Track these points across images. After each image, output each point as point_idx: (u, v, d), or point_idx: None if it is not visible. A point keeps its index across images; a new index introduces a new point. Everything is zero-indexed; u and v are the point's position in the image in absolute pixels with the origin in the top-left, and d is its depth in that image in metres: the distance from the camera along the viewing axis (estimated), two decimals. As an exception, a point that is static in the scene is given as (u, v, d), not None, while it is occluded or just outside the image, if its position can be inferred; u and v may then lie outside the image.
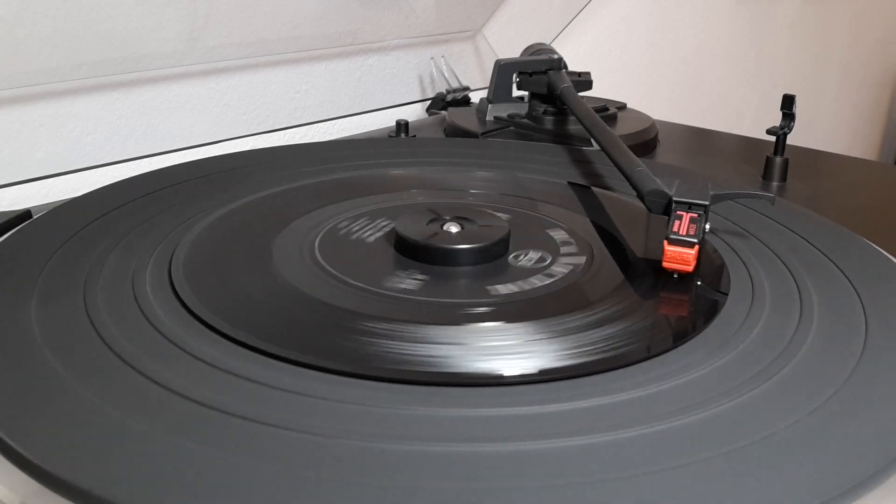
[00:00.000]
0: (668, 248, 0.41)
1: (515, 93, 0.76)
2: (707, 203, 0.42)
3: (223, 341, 0.34)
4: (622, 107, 0.80)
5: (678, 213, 0.42)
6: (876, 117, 2.08)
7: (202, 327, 0.35)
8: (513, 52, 0.82)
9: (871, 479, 0.27)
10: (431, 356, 0.34)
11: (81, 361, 0.32)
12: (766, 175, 0.65)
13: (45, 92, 0.59)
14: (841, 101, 1.86)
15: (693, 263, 0.41)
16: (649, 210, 0.45)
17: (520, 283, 0.41)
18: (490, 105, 0.75)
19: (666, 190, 0.44)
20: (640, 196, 0.46)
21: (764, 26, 1.50)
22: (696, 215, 0.42)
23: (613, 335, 0.36)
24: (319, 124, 0.80)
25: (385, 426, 0.29)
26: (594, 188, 0.56)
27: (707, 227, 0.42)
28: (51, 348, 0.33)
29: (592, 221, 0.50)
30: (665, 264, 0.41)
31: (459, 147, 0.66)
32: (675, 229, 0.42)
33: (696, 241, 0.41)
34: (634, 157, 0.52)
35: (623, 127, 0.74)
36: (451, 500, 0.26)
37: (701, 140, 0.80)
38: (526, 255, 0.44)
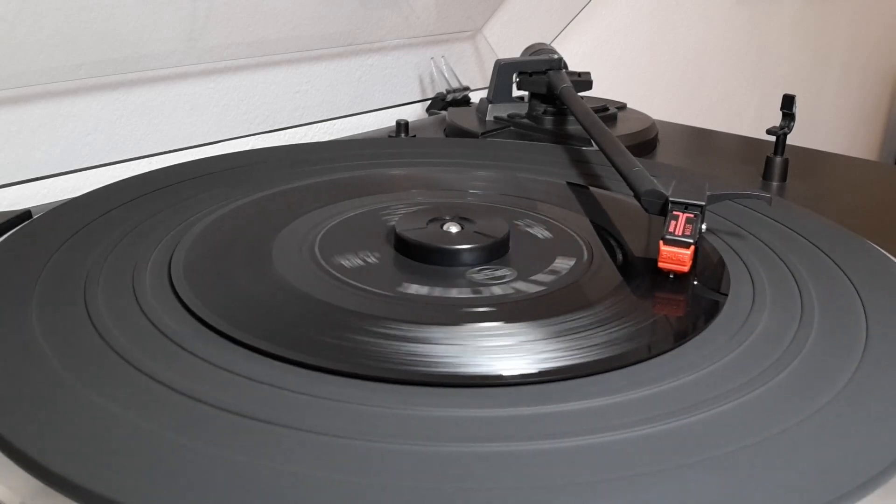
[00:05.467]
0: (663, 248, 0.41)
1: (515, 93, 0.76)
2: (703, 203, 0.42)
3: (223, 341, 0.34)
4: (622, 107, 0.80)
5: (674, 213, 0.42)
6: (876, 117, 2.08)
7: (202, 327, 0.36)
8: (513, 52, 0.82)
9: (871, 481, 0.27)
10: (431, 356, 0.34)
11: (81, 361, 0.32)
12: (766, 175, 0.65)
13: (45, 92, 0.59)
14: (841, 101, 1.86)
15: (688, 264, 0.41)
16: (646, 210, 0.45)
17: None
18: (490, 105, 0.75)
19: (662, 190, 0.44)
20: (637, 196, 0.46)
21: (764, 26, 1.50)
22: (692, 215, 0.42)
23: (613, 335, 0.36)
24: (319, 124, 0.80)
25: (385, 426, 0.29)
26: (593, 188, 0.56)
27: (703, 227, 0.42)
28: (51, 348, 0.33)
29: (592, 221, 0.50)
30: (661, 264, 0.41)
31: (459, 147, 0.66)
32: (670, 229, 0.42)
33: (691, 241, 0.41)
34: (632, 157, 0.52)
35: (623, 127, 0.74)
36: (451, 501, 0.26)
37: (701, 140, 0.80)
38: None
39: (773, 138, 0.65)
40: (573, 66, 0.78)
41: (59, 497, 0.26)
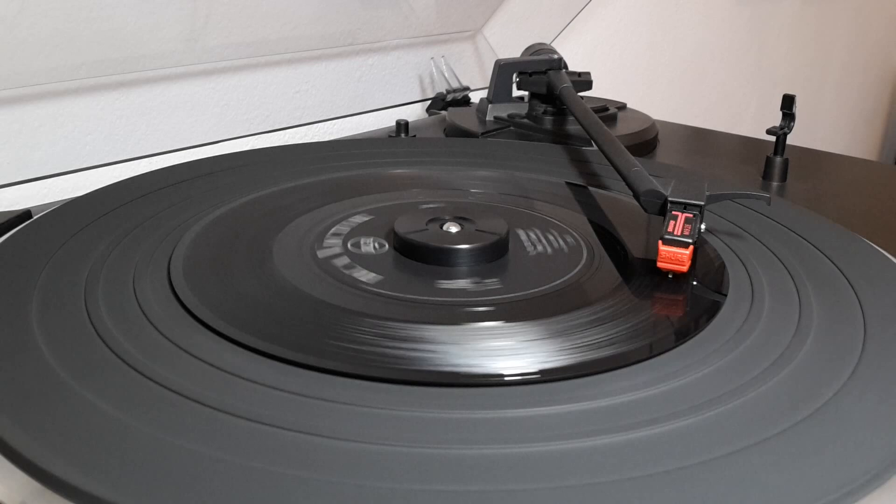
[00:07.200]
0: (662, 248, 0.41)
1: (515, 93, 0.76)
2: (702, 203, 0.42)
3: (223, 341, 0.34)
4: (622, 107, 0.80)
5: (673, 213, 0.42)
6: (876, 117, 2.08)
7: (202, 327, 0.36)
8: (513, 52, 0.82)
9: (870, 480, 0.27)
10: (431, 356, 0.34)
11: (81, 361, 0.32)
12: (766, 175, 0.65)
13: (45, 92, 0.59)
14: (841, 101, 1.86)
15: (687, 264, 0.41)
16: (645, 210, 0.45)
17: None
18: (490, 105, 0.75)
19: (661, 190, 0.44)
20: (636, 196, 0.46)
21: (764, 26, 1.50)
22: (691, 215, 0.42)
23: (613, 335, 0.36)
24: (319, 124, 0.80)
25: (385, 426, 0.29)
26: (592, 188, 0.56)
27: (702, 227, 0.42)
28: (51, 348, 0.33)
29: (591, 221, 0.50)
30: (659, 264, 0.41)
31: (459, 147, 0.66)
32: (669, 229, 0.42)
33: (690, 241, 0.41)
34: (631, 156, 0.52)
35: (623, 127, 0.74)
36: (450, 502, 0.26)
37: (701, 140, 0.80)
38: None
39: (773, 138, 0.65)
40: (573, 66, 0.78)
41: (59, 498, 0.26)
